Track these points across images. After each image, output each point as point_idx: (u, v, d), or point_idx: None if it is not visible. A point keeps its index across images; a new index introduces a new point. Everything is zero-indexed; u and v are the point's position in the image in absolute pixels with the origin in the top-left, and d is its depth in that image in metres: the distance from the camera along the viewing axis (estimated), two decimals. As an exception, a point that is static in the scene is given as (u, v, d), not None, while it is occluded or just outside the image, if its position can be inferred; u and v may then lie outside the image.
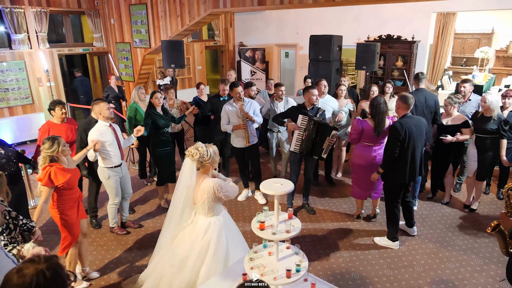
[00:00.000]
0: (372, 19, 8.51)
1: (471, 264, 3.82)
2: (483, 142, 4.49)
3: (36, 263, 1.34)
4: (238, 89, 4.74)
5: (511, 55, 10.13)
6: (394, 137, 3.72)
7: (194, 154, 2.75)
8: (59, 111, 4.30)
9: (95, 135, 3.87)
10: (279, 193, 2.13)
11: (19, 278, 1.31)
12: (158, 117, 4.70)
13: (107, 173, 4.04)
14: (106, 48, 9.27)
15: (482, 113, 4.50)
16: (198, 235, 2.76)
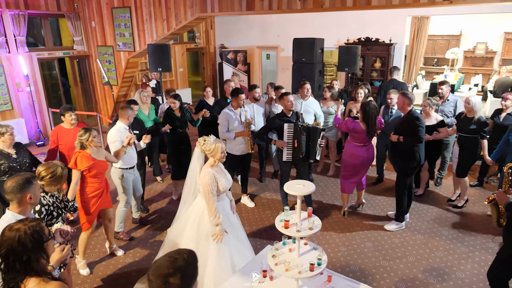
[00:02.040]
0: (351, 22, 8.85)
1: (458, 252, 4.15)
2: (464, 141, 4.82)
3: (23, 223, 1.78)
4: (242, 96, 4.81)
5: (478, 56, 10.80)
6: (420, 126, 4.16)
7: (200, 142, 3.08)
8: (68, 117, 4.47)
9: (116, 134, 4.09)
10: (302, 193, 2.30)
11: (8, 231, 1.74)
12: (175, 119, 5.06)
13: (121, 174, 4.18)
14: (87, 51, 9.12)
15: (465, 114, 4.83)
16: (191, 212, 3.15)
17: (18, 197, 2.23)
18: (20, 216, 2.21)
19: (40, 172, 2.78)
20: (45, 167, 2.79)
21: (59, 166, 2.83)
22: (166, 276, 1.41)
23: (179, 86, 11.34)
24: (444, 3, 4.51)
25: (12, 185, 2.22)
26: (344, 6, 5.16)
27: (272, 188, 5.87)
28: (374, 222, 4.80)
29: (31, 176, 2.33)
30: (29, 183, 2.28)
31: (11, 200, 2.24)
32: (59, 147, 4.50)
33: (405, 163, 4.38)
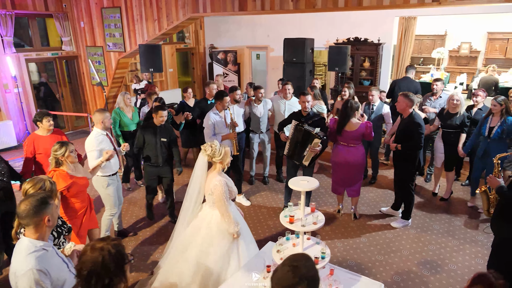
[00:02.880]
0: (340, 22, 8.98)
1: (449, 245, 4.29)
2: (448, 136, 5.00)
3: (105, 241, 1.66)
4: (227, 99, 4.78)
5: (462, 55, 11.10)
6: (421, 132, 4.21)
7: (206, 149, 2.98)
8: (46, 123, 4.14)
9: (95, 143, 3.83)
10: (306, 189, 2.37)
11: (92, 251, 1.63)
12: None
13: (106, 182, 3.98)
14: (76, 52, 9.02)
15: (447, 110, 5.00)
16: (201, 224, 3.04)
17: (34, 221, 1.99)
18: (39, 242, 2.01)
19: (27, 190, 2.48)
20: (32, 184, 2.50)
21: (46, 180, 2.55)
22: (292, 286, 1.38)
23: (169, 86, 11.31)
24: (433, 4, 4.65)
25: (26, 208, 1.97)
26: (336, 6, 5.26)
27: (263, 188, 5.93)
28: (368, 218, 4.92)
29: (46, 196, 2.09)
30: (46, 204, 2.03)
31: (27, 225, 2.00)
32: (37, 156, 4.19)
33: (408, 166, 4.44)
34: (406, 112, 4.30)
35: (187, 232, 3.11)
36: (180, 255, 3.08)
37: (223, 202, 2.90)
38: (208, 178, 3.02)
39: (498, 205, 3.09)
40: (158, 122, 4.37)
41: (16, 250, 2.01)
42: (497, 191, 2.94)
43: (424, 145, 5.47)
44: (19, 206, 2.00)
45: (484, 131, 4.60)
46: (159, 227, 4.80)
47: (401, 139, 4.37)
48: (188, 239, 3.07)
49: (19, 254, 1.97)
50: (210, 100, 5.72)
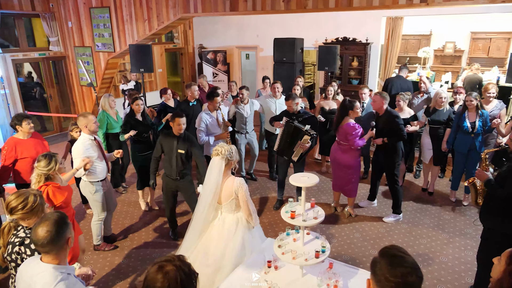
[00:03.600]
0: (329, 22, 9.10)
1: (440, 238, 4.42)
2: (436, 131, 5.17)
3: (173, 262, 1.48)
4: (218, 99, 4.81)
5: (447, 54, 11.36)
6: (401, 124, 4.45)
7: (222, 151, 2.85)
8: (26, 126, 4.01)
9: (82, 150, 3.73)
10: (307, 185, 2.44)
11: (164, 276, 1.43)
12: (137, 124, 4.77)
13: (93, 188, 3.89)
14: (64, 52, 8.91)
15: (433, 107, 5.16)
16: (229, 233, 2.90)
17: (58, 246, 1.82)
18: (62, 267, 1.84)
19: (10, 203, 2.24)
20: (15, 196, 2.26)
21: (31, 194, 2.28)
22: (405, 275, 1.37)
23: (159, 86, 11.25)
24: (421, 5, 4.78)
25: (46, 235, 1.77)
26: (327, 7, 5.34)
27: (256, 187, 5.98)
28: (360, 213, 5.02)
29: (62, 215, 1.91)
30: (65, 224, 1.87)
31: (47, 252, 1.82)
32: (18, 161, 4.05)
33: (392, 159, 4.60)
34: (382, 109, 4.51)
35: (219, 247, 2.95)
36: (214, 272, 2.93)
37: (249, 200, 2.86)
38: (229, 180, 2.93)
39: (486, 197, 3.22)
40: (177, 131, 3.99)
41: (39, 278, 1.80)
42: (485, 185, 3.07)
43: (412, 142, 5.64)
44: (36, 232, 1.79)
45: (466, 127, 4.76)
46: (151, 231, 4.81)
47: (384, 135, 4.52)
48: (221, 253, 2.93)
49: (44, 283, 1.78)
50: (192, 102, 5.70)
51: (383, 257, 1.44)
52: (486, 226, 3.17)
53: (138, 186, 5.11)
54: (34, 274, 1.83)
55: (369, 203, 5.16)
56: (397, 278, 1.36)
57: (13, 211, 2.23)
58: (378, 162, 4.81)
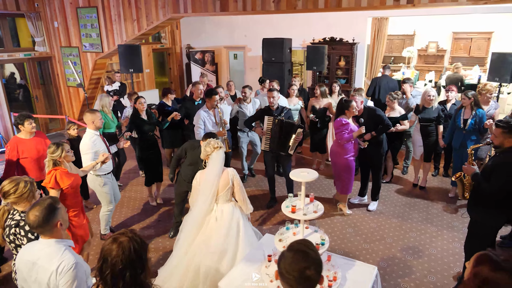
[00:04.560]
0: (316, 23, 9.24)
1: (428, 231, 4.58)
2: (426, 129, 5.34)
3: (125, 234, 1.67)
4: (216, 97, 4.91)
5: (430, 54, 11.66)
6: (383, 114, 4.73)
7: (221, 144, 3.14)
8: (28, 125, 4.09)
9: (90, 145, 3.87)
10: (306, 180, 2.52)
11: (119, 245, 1.62)
12: (143, 123, 4.84)
13: (102, 181, 4.08)
14: (50, 52, 8.78)
15: (423, 105, 5.33)
16: (228, 220, 3.10)
17: (48, 229, 2.00)
18: (62, 240, 2.05)
19: (3, 187, 2.47)
20: (8, 182, 2.49)
21: (22, 180, 2.49)
22: (302, 269, 1.45)
23: (146, 87, 11.19)
24: (408, 6, 4.94)
25: (36, 219, 1.96)
26: (316, 7, 5.45)
27: (248, 185, 6.05)
28: (351, 209, 5.14)
29: (53, 201, 2.07)
30: (54, 210, 2.03)
31: (41, 233, 2.02)
32: (21, 160, 4.15)
33: (378, 151, 4.81)
34: (361, 109, 4.75)
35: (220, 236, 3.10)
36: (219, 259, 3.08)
37: (243, 187, 3.14)
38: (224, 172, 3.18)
39: (472, 191, 3.37)
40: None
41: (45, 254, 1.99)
42: (472, 178, 3.21)
43: (402, 139, 5.80)
44: (28, 216, 1.99)
45: (459, 123, 4.94)
46: (149, 225, 4.82)
47: (371, 131, 4.69)
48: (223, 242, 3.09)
49: (51, 255, 1.97)
50: (197, 101, 5.77)
51: (289, 251, 1.54)
52: (473, 218, 3.32)
53: (146, 183, 5.20)
54: (36, 251, 2.02)
55: (360, 199, 5.29)
56: (295, 272, 1.45)
57: (6, 195, 2.46)
58: (365, 157, 4.96)
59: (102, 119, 4.12)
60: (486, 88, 5.20)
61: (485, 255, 1.64)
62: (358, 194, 5.32)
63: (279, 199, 5.31)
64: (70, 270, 1.92)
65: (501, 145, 2.99)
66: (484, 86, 5.29)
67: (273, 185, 5.23)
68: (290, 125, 4.60)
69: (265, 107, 5.00)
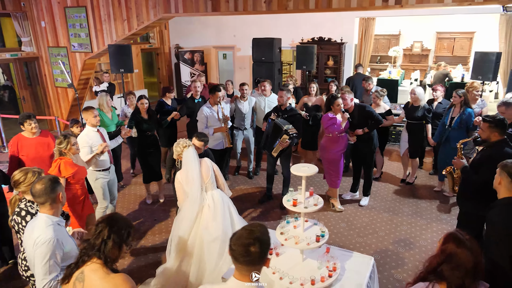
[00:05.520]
0: (305, 23, 9.37)
1: (418, 224, 4.74)
2: (412, 127, 5.51)
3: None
4: (220, 94, 5.02)
5: (415, 53, 11.97)
6: (372, 110, 4.84)
7: (189, 143, 3.34)
8: (28, 126, 4.18)
9: (85, 140, 4.00)
10: (306, 174, 2.61)
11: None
12: (142, 121, 4.94)
13: (95, 175, 4.12)
14: (37, 53, 8.66)
15: (412, 104, 5.50)
16: (220, 206, 3.31)
17: (52, 197, 2.22)
18: (54, 217, 2.24)
19: (14, 176, 2.69)
20: (19, 171, 2.72)
21: (31, 170, 2.73)
22: (247, 245, 1.60)
23: (135, 87, 11.15)
24: (396, 7, 5.09)
25: (42, 188, 2.19)
26: (307, 8, 5.56)
27: (241, 182, 6.12)
28: (344, 204, 5.27)
29: (55, 177, 2.34)
30: (57, 182, 2.28)
31: (43, 202, 2.22)
32: (21, 157, 4.21)
33: (369, 147, 4.96)
34: (352, 107, 4.86)
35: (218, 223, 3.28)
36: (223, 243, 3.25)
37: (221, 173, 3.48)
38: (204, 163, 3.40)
39: (461, 183, 3.53)
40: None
41: (34, 224, 2.23)
42: (461, 171, 3.37)
43: (387, 133, 6.00)
44: (34, 187, 2.21)
45: (446, 120, 5.13)
46: (149, 225, 4.85)
47: (362, 126, 4.83)
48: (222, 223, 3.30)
49: (37, 227, 2.18)
50: (197, 99, 5.83)
51: (240, 229, 1.73)
52: (463, 209, 3.48)
53: (144, 180, 5.26)
54: (33, 224, 2.27)
55: (352, 195, 5.42)
56: (240, 247, 1.62)
57: (16, 184, 2.67)
58: (357, 153, 5.10)
59: (98, 117, 4.18)
60: (473, 85, 5.40)
61: (452, 234, 1.85)
62: (350, 190, 5.46)
63: (274, 197, 5.42)
64: (45, 243, 2.10)
65: (488, 139, 3.15)
66: (471, 84, 5.50)
67: (271, 183, 5.29)
68: (279, 128, 4.60)
69: (278, 105, 5.06)
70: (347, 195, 5.44)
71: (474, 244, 1.79)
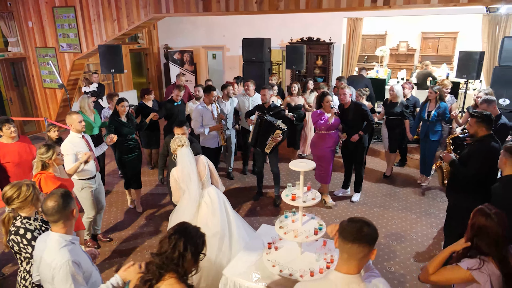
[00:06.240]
0: (294, 23, 9.49)
1: (409, 219, 4.89)
2: (391, 122, 5.74)
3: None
4: (214, 93, 5.11)
5: (401, 53, 12.20)
6: (368, 110, 4.91)
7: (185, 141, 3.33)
8: (7, 130, 3.91)
9: (70, 148, 3.75)
10: (304, 169, 2.69)
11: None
12: (122, 125, 4.76)
13: (80, 184, 3.89)
14: (24, 53, 8.54)
15: (390, 100, 5.70)
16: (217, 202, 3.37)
17: (65, 214, 2.05)
18: (67, 236, 2.08)
19: (6, 193, 2.36)
20: (10, 187, 2.40)
21: (24, 184, 2.40)
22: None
23: (124, 88, 11.08)
24: (384, 7, 5.23)
25: (54, 205, 2.01)
26: (298, 8, 5.66)
27: (231, 182, 6.18)
28: (336, 201, 5.38)
29: (66, 191, 2.14)
30: (70, 197, 2.11)
31: (56, 221, 2.05)
32: (2, 165, 3.98)
33: (362, 145, 5.08)
34: (348, 102, 4.96)
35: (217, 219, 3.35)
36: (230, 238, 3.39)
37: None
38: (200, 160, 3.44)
39: (450, 177, 3.67)
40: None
41: (45, 245, 2.05)
42: (450, 164, 3.51)
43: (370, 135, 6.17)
44: (45, 204, 2.03)
45: (424, 115, 5.40)
46: (136, 230, 4.86)
47: (355, 125, 4.94)
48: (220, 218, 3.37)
49: (50, 249, 2.02)
50: (177, 102, 5.80)
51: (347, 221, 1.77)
52: (452, 201, 3.62)
53: (125, 185, 5.10)
54: (44, 244, 2.08)
55: (343, 192, 5.54)
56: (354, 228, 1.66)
57: (9, 201, 2.37)
58: (348, 151, 5.22)
59: (83, 122, 3.94)
60: (444, 83, 5.74)
61: (481, 209, 2.05)
62: (342, 187, 5.58)
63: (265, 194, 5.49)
64: (62, 268, 1.95)
65: (475, 133, 3.29)
66: (442, 81, 5.81)
67: (261, 180, 5.39)
68: (270, 125, 4.67)
69: (261, 104, 5.14)
70: (339, 192, 5.55)
71: (500, 216, 1.98)
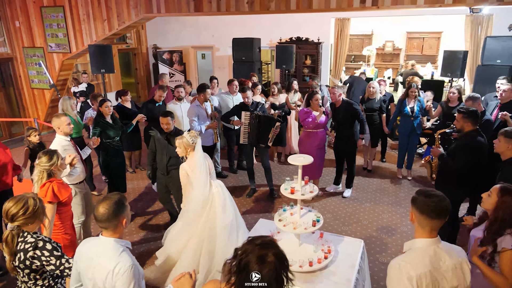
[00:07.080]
0: (283, 23, 9.60)
1: (399, 212, 5.05)
2: (371, 118, 5.94)
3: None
4: (209, 91, 5.22)
5: (387, 52, 12.48)
6: (358, 109, 5.08)
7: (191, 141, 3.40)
8: None
9: (61, 152, 3.55)
10: (302, 163, 2.79)
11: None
12: (108, 126, 4.68)
13: (73, 190, 3.73)
14: (11, 53, 8.42)
15: (368, 97, 5.93)
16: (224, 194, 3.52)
17: (114, 223, 1.99)
18: (122, 240, 2.04)
19: (9, 210, 2.20)
20: (13, 202, 2.21)
21: (30, 198, 2.26)
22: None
23: (113, 88, 11.01)
24: (373, 8, 5.39)
25: (105, 212, 1.95)
26: (288, 9, 5.77)
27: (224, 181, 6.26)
28: (328, 197, 5.52)
29: (121, 197, 2.06)
30: (123, 206, 2.03)
31: (106, 228, 1.99)
32: None
33: (353, 142, 5.23)
34: (339, 101, 5.10)
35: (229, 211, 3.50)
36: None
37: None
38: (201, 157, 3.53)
39: (439, 170, 3.84)
40: (165, 130, 4.27)
41: (102, 251, 1.98)
42: (439, 158, 3.67)
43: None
44: (97, 209, 1.97)
45: (407, 111, 5.60)
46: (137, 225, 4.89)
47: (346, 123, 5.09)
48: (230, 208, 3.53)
49: (109, 254, 1.96)
50: (159, 103, 5.78)
51: (419, 195, 1.93)
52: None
53: (109, 190, 5.00)
54: (95, 248, 2.02)
55: (335, 188, 5.67)
56: (433, 203, 1.83)
57: (14, 218, 2.21)
58: (339, 149, 5.36)
59: (72, 124, 3.87)
60: (414, 80, 6.09)
61: (503, 187, 2.22)
62: (333, 183, 5.71)
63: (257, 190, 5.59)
64: (126, 272, 1.92)
65: (462, 128, 3.45)
66: (412, 79, 6.15)
67: (253, 177, 5.51)
68: (268, 119, 4.95)
69: (241, 103, 5.24)
70: (331, 188, 5.69)
71: None
